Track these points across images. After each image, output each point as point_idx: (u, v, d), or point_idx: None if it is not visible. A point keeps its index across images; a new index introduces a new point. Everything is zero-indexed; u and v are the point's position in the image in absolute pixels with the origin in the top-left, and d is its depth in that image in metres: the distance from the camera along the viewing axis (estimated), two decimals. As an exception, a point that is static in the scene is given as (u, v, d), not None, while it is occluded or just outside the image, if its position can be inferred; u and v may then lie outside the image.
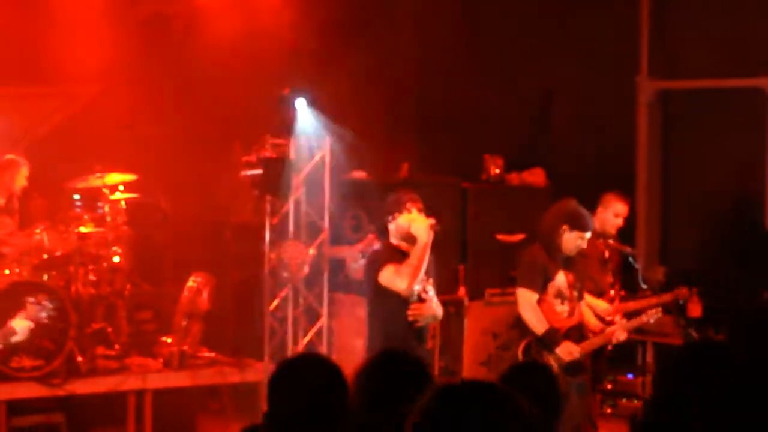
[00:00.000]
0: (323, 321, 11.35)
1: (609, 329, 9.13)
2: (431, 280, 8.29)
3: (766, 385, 4.12)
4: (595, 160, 12.87)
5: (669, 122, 13.10)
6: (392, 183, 11.37)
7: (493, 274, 11.76)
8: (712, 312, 10.54)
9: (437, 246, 8.27)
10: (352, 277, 11.23)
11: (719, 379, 3.95)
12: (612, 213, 10.00)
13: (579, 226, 8.66)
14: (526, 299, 8.71)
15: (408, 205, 8.21)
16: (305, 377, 4.08)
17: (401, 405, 3.55)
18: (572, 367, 8.59)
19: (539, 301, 8.72)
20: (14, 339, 7.64)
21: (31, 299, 7.67)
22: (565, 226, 8.64)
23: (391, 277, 8.03)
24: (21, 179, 10.83)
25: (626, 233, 11.11)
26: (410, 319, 8.12)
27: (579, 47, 13.01)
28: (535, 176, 12.64)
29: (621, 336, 9.11)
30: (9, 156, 10.87)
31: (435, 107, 13.70)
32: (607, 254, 10.02)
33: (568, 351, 8.60)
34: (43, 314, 7.66)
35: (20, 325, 7.56)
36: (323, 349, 11.22)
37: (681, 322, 10.06)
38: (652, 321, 9.34)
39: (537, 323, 8.64)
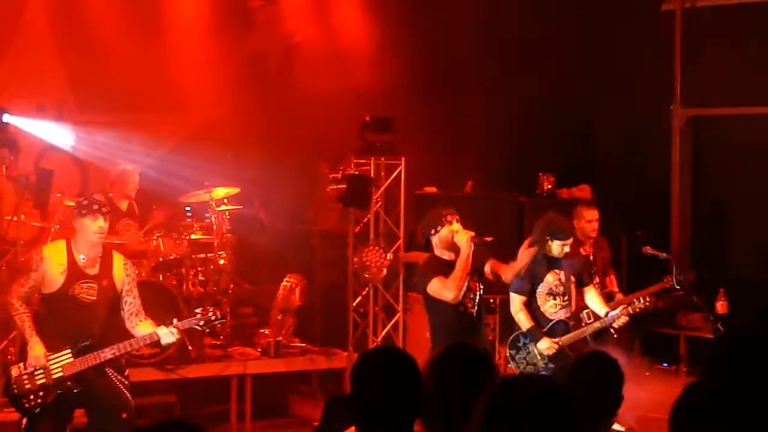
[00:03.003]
0: (399, 316, 11.78)
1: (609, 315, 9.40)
2: (476, 276, 8.49)
3: None
4: (634, 177, 13.55)
5: (699, 144, 13.80)
6: (459, 197, 11.84)
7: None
8: (737, 308, 11.31)
9: (498, 254, 8.64)
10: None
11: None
12: (585, 221, 10.66)
13: (559, 236, 9.19)
14: (514, 301, 9.30)
15: (448, 218, 8.41)
16: (383, 367, 4.14)
17: (467, 392, 3.94)
18: (553, 357, 9.16)
19: (533, 300, 9.28)
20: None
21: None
22: (547, 238, 9.16)
23: (438, 289, 8.28)
24: (133, 185, 11.39)
25: (662, 241, 11.86)
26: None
27: (622, 80, 13.70)
28: (583, 191, 13.07)
29: (619, 320, 9.33)
30: (123, 166, 11.46)
31: (495, 133, 13.88)
32: (591, 257, 10.64)
33: (546, 346, 9.19)
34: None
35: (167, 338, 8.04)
36: (399, 341, 11.69)
37: (710, 317, 10.74)
38: (637, 310, 9.34)
39: (523, 321, 9.19)
